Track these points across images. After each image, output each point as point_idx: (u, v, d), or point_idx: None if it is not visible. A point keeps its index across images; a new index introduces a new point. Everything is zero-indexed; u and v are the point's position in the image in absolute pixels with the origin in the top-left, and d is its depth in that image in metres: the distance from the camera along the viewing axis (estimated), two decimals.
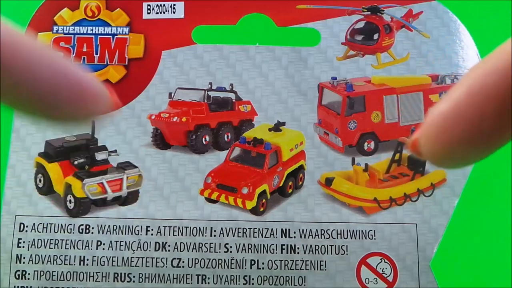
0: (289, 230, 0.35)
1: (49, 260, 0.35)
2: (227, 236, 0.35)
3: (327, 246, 0.35)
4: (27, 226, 0.35)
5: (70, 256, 0.35)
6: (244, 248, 0.35)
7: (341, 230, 0.35)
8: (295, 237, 0.35)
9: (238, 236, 0.35)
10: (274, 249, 0.35)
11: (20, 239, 0.35)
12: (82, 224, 0.35)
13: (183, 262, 0.35)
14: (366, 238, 0.35)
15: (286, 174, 0.38)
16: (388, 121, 0.39)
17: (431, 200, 0.36)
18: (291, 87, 0.38)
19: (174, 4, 0.39)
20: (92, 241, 0.35)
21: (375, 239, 0.35)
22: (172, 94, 0.38)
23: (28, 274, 0.35)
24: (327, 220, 0.35)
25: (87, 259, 0.35)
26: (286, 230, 0.35)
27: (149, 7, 0.39)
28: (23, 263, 0.35)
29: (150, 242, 0.35)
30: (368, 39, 0.39)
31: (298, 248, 0.35)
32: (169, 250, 0.35)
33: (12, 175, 0.36)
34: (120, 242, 0.35)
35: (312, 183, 0.36)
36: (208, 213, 0.36)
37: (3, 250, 0.35)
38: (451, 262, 0.36)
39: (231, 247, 0.35)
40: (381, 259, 0.35)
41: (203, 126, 0.39)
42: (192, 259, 0.35)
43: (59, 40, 0.38)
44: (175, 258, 0.35)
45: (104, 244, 0.35)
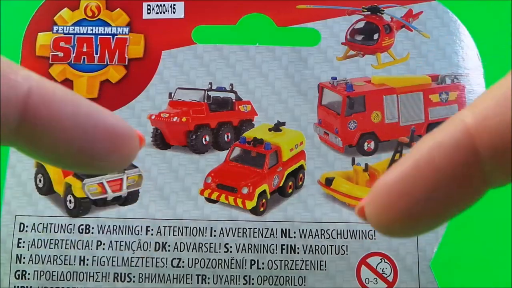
0: (289, 230, 0.35)
1: (49, 260, 0.35)
2: (227, 236, 0.35)
3: (327, 246, 0.35)
4: (27, 226, 0.35)
5: (70, 256, 0.35)
6: (244, 248, 0.35)
7: (341, 230, 0.35)
8: (295, 237, 0.35)
9: (238, 236, 0.35)
10: (274, 249, 0.35)
11: (20, 239, 0.35)
12: (82, 224, 0.35)
13: (183, 262, 0.35)
14: (366, 238, 0.35)
15: (286, 174, 0.38)
16: (388, 121, 0.39)
17: None
18: (291, 87, 0.38)
19: (174, 4, 0.39)
20: (92, 241, 0.35)
21: (375, 239, 0.35)
22: (172, 94, 0.38)
23: (28, 274, 0.35)
24: (327, 220, 0.35)
25: (87, 259, 0.35)
26: (286, 230, 0.35)
27: (149, 7, 0.39)
28: (23, 263, 0.35)
29: (150, 242, 0.35)
30: (368, 39, 0.39)
31: (298, 248, 0.35)
32: (169, 250, 0.35)
33: (12, 175, 0.36)
34: (120, 242, 0.35)
35: (312, 183, 0.36)
36: (208, 213, 0.36)
37: (3, 250, 0.35)
38: (451, 262, 0.36)
39: (231, 247, 0.35)
40: (381, 259, 0.35)
41: (203, 126, 0.39)
42: (192, 259, 0.35)
43: (59, 40, 0.38)
44: (175, 258, 0.35)
45: (104, 244, 0.35)
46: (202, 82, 0.38)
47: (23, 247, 0.35)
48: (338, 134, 0.38)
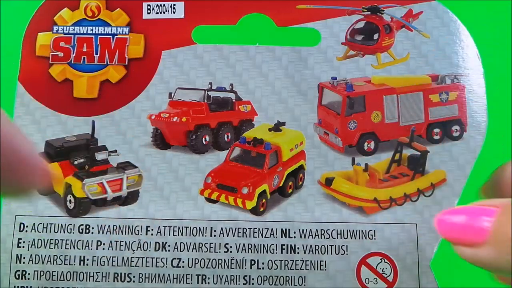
0: (289, 230, 0.35)
1: (49, 260, 0.35)
2: (227, 236, 0.35)
3: (327, 246, 0.35)
4: (27, 226, 0.35)
5: (70, 256, 0.35)
6: (244, 248, 0.35)
7: (341, 230, 0.35)
8: (295, 237, 0.35)
9: (238, 236, 0.35)
10: (274, 249, 0.35)
11: (20, 239, 0.35)
12: (82, 224, 0.35)
13: (183, 262, 0.35)
14: (366, 238, 0.35)
15: (286, 174, 0.38)
16: (388, 121, 0.39)
17: (431, 200, 0.36)
18: (291, 87, 0.38)
19: (174, 4, 0.39)
20: (92, 241, 0.35)
21: (375, 239, 0.35)
22: (172, 94, 0.38)
23: (28, 274, 0.35)
24: (327, 220, 0.35)
25: (87, 259, 0.35)
26: (286, 230, 0.35)
27: (149, 7, 0.39)
28: (23, 263, 0.35)
29: (150, 242, 0.35)
30: (368, 39, 0.39)
31: (298, 248, 0.35)
32: (169, 250, 0.35)
33: None
34: (120, 242, 0.35)
35: (312, 183, 0.36)
36: (208, 213, 0.36)
37: (3, 250, 0.35)
38: (451, 262, 0.36)
39: (231, 247, 0.35)
40: (381, 259, 0.35)
41: (203, 126, 0.39)
42: (192, 259, 0.35)
43: (59, 40, 0.38)
44: (175, 258, 0.35)
45: (104, 244, 0.35)
46: (202, 82, 0.38)
47: (23, 247, 0.35)
48: (338, 134, 0.38)
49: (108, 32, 0.38)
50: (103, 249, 0.35)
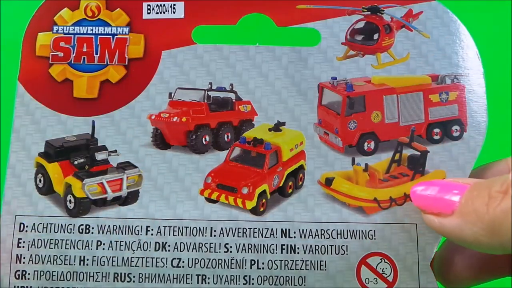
0: (289, 230, 0.35)
1: (49, 260, 0.35)
2: (227, 236, 0.35)
3: (327, 246, 0.35)
4: (27, 226, 0.35)
5: (70, 256, 0.35)
6: (244, 248, 0.35)
7: (341, 230, 0.35)
8: (295, 237, 0.35)
9: (238, 236, 0.35)
10: (274, 249, 0.35)
11: (20, 239, 0.35)
12: (82, 224, 0.35)
13: (183, 262, 0.35)
14: (366, 238, 0.35)
15: (286, 174, 0.38)
16: (388, 121, 0.39)
17: None
18: (291, 87, 0.38)
19: (174, 4, 0.39)
20: (92, 241, 0.35)
21: (375, 239, 0.35)
22: (172, 94, 0.38)
23: (28, 274, 0.35)
24: (327, 220, 0.35)
25: (87, 259, 0.35)
26: (286, 230, 0.35)
27: (149, 7, 0.39)
28: (23, 263, 0.35)
29: (150, 242, 0.35)
30: (368, 39, 0.39)
31: (298, 248, 0.35)
32: (169, 250, 0.35)
33: (12, 175, 0.36)
34: (120, 242, 0.35)
35: (312, 183, 0.36)
36: (208, 213, 0.36)
37: (3, 250, 0.35)
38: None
39: (231, 247, 0.35)
40: (381, 259, 0.35)
41: (203, 126, 0.39)
42: (192, 259, 0.35)
43: (59, 40, 0.38)
44: (175, 258, 0.35)
45: (104, 244, 0.35)
46: (202, 82, 0.38)
47: (23, 247, 0.35)
48: (338, 134, 0.38)
49: (108, 32, 0.38)
50: (103, 249, 0.35)
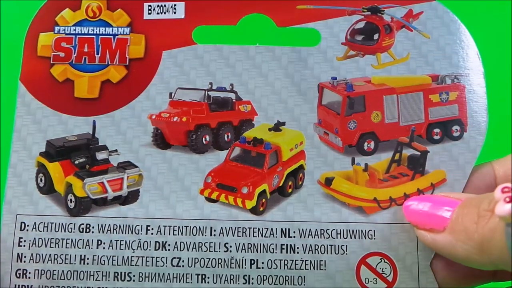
0: (288, 229, 0.35)
1: (49, 259, 0.35)
2: (227, 235, 0.35)
3: (327, 246, 0.35)
4: (28, 225, 0.35)
5: (71, 255, 0.35)
6: (243, 248, 0.35)
7: (340, 230, 0.35)
8: (294, 236, 0.35)
9: (238, 236, 0.35)
10: (273, 248, 0.35)
11: (21, 238, 0.35)
12: (83, 224, 0.35)
13: (183, 261, 0.35)
14: (366, 238, 0.35)
15: (286, 174, 0.38)
16: (388, 121, 0.39)
17: None
18: (291, 87, 0.38)
19: (175, 5, 0.39)
20: (92, 240, 0.35)
21: (374, 239, 0.35)
22: (173, 94, 0.38)
23: (29, 273, 0.35)
24: (326, 220, 0.35)
25: (88, 258, 0.35)
26: (285, 229, 0.35)
27: (150, 8, 0.39)
28: (24, 262, 0.35)
29: (150, 242, 0.35)
30: (368, 39, 0.39)
31: (298, 248, 0.35)
32: (169, 250, 0.35)
33: (13, 175, 0.36)
34: (120, 241, 0.35)
35: (312, 183, 0.36)
36: (208, 212, 0.36)
37: (4, 249, 0.35)
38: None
39: (230, 246, 0.35)
40: (380, 259, 0.35)
41: (203, 126, 0.40)
42: (192, 258, 0.35)
43: (60, 41, 0.38)
44: (175, 258, 0.35)
45: (104, 243, 0.35)
46: (202, 82, 0.38)
47: (24, 246, 0.35)
48: (338, 134, 0.38)
49: (109, 32, 0.39)
50: (104, 248, 0.35)
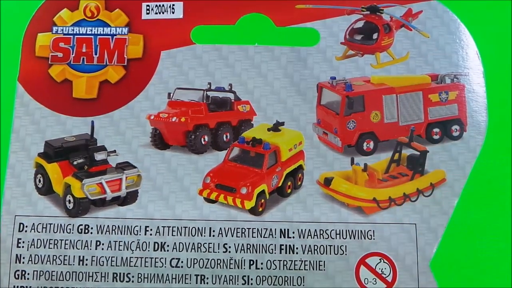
0: (288, 230, 0.35)
1: (48, 260, 0.35)
2: (226, 236, 0.35)
3: (326, 246, 0.35)
4: (26, 226, 0.35)
5: (69, 256, 0.35)
6: (243, 248, 0.35)
7: (340, 230, 0.35)
8: (294, 237, 0.35)
9: (237, 236, 0.35)
10: (273, 249, 0.35)
11: (20, 239, 0.35)
12: (81, 224, 0.35)
13: (182, 262, 0.35)
14: (365, 238, 0.35)
15: (285, 174, 0.38)
16: (387, 120, 0.39)
17: (430, 200, 0.36)
18: (290, 87, 0.38)
19: (173, 4, 0.39)
20: (91, 241, 0.35)
21: (374, 239, 0.35)
22: (171, 94, 0.38)
23: (28, 274, 0.35)
24: (326, 220, 0.35)
25: (86, 259, 0.35)
26: (285, 230, 0.35)
27: (148, 8, 0.39)
28: (23, 263, 0.35)
29: (149, 242, 0.35)
30: (367, 39, 0.39)
31: (297, 248, 0.35)
32: (168, 250, 0.35)
33: (11, 176, 0.36)
34: (119, 242, 0.35)
35: (311, 183, 0.36)
36: (207, 213, 0.36)
37: (3, 250, 0.35)
38: (451, 262, 0.36)
39: (230, 247, 0.35)
40: (380, 259, 0.35)
41: (202, 126, 0.40)
42: (191, 259, 0.35)
43: (58, 41, 0.38)
44: (174, 258, 0.35)
45: (103, 244, 0.35)
46: (201, 82, 0.38)
47: (23, 247, 0.35)
48: (337, 134, 0.38)
49: (107, 32, 0.38)
50: (102, 249, 0.35)
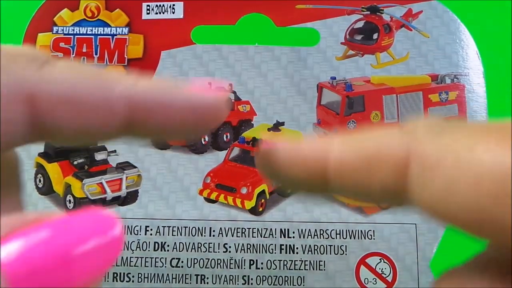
0: (288, 230, 0.35)
1: None
2: (226, 236, 0.35)
3: (326, 246, 0.35)
4: None
5: None
6: (243, 248, 0.35)
7: (340, 230, 0.35)
8: (294, 237, 0.35)
9: (237, 236, 0.35)
10: (273, 249, 0.35)
11: None
12: None
13: (182, 262, 0.35)
14: (365, 238, 0.35)
15: None
16: (387, 121, 0.39)
17: None
18: (290, 87, 0.38)
19: (174, 4, 0.39)
20: None
21: (374, 239, 0.35)
22: None
23: None
24: (326, 220, 0.35)
25: None
26: (285, 230, 0.35)
27: (148, 8, 0.39)
28: None
29: (149, 242, 0.35)
30: (367, 39, 0.39)
31: (297, 248, 0.35)
32: (168, 250, 0.35)
33: None
34: None
35: None
36: (207, 213, 0.36)
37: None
38: (451, 262, 0.36)
39: (230, 247, 0.35)
40: (380, 259, 0.35)
41: None
42: (191, 259, 0.35)
43: (58, 41, 0.38)
44: (174, 258, 0.35)
45: None
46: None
47: None
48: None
49: (107, 32, 0.38)
50: None
